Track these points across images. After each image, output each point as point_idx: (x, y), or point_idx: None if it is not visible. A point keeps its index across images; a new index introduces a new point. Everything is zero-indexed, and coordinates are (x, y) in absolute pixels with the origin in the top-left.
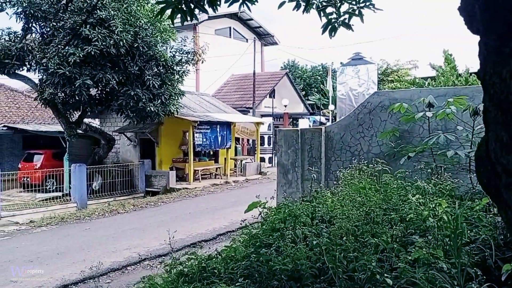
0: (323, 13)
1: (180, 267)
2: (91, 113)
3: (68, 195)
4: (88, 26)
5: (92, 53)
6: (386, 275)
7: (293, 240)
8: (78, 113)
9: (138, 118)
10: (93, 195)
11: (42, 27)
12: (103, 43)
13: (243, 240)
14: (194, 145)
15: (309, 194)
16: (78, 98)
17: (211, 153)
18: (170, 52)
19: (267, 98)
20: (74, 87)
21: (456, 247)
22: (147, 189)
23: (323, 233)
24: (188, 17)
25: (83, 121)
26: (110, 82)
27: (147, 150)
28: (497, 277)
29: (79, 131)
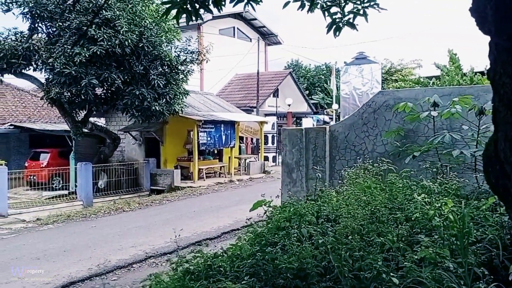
0: (327, 13)
1: (186, 265)
2: (96, 112)
3: (74, 193)
4: (94, 26)
5: (98, 53)
6: (392, 274)
7: (299, 239)
8: (84, 112)
9: (143, 117)
10: (98, 193)
11: (48, 27)
12: (109, 43)
13: (248, 239)
14: (198, 144)
15: (314, 193)
16: (84, 97)
17: (215, 152)
18: (175, 51)
19: (270, 98)
20: (80, 86)
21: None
22: (152, 188)
23: (328, 232)
24: (193, 17)
25: (89, 120)
26: (116, 82)
27: (152, 149)
28: (504, 277)
29: (85, 130)
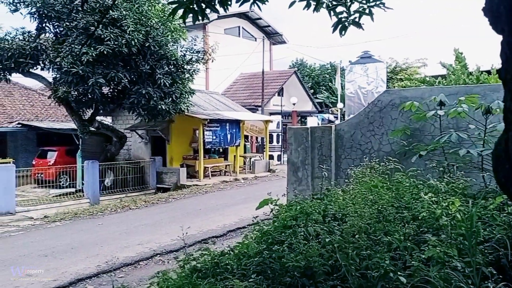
0: (333, 12)
1: (193, 262)
2: (103, 111)
3: (81, 191)
4: (101, 26)
5: (105, 52)
6: (400, 273)
7: (305, 237)
8: (90, 111)
9: (149, 116)
10: (105, 191)
11: (56, 27)
12: (115, 43)
13: (255, 237)
14: (204, 142)
15: (320, 192)
16: (91, 96)
17: (220, 150)
18: (181, 51)
19: (275, 97)
20: (87, 85)
21: (471, 246)
22: (158, 186)
23: (335, 230)
24: (200, 16)
25: (96, 118)
26: (122, 81)
27: (158, 148)
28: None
29: (91, 128)
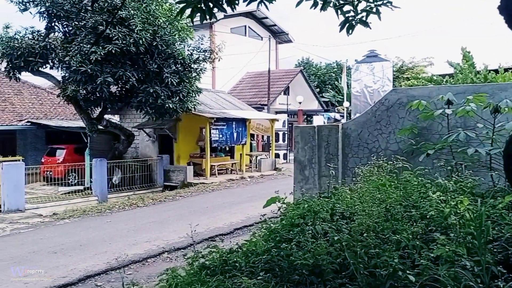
0: (340, 11)
1: (202, 260)
2: (111, 110)
3: (89, 188)
4: (109, 25)
5: (113, 51)
6: (408, 271)
7: (313, 235)
8: (99, 109)
9: (157, 115)
10: (113, 189)
11: (65, 26)
12: (123, 42)
13: (263, 235)
14: (210, 141)
15: (327, 190)
16: (99, 95)
17: (227, 149)
18: (188, 50)
19: (281, 95)
20: (95, 84)
21: (480, 245)
22: (165, 184)
23: (343, 229)
24: (207, 16)
25: (104, 117)
26: (130, 80)
27: (165, 146)
28: None
29: (100, 126)
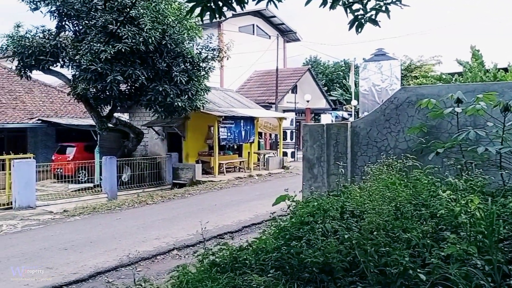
0: (349, 10)
1: (212, 257)
2: (121, 108)
3: (99, 186)
4: (119, 24)
5: (123, 50)
6: (419, 270)
7: (323, 233)
8: (108, 107)
9: (166, 113)
10: (122, 186)
11: (75, 25)
12: (133, 41)
13: (272, 232)
14: (219, 139)
15: (336, 189)
16: (109, 93)
17: (235, 147)
18: (197, 49)
19: (289, 94)
20: (105, 82)
21: (492, 243)
22: (174, 181)
23: (353, 227)
24: (217, 14)
25: (114, 115)
26: (140, 78)
27: (174, 144)
28: None
29: (109, 125)
